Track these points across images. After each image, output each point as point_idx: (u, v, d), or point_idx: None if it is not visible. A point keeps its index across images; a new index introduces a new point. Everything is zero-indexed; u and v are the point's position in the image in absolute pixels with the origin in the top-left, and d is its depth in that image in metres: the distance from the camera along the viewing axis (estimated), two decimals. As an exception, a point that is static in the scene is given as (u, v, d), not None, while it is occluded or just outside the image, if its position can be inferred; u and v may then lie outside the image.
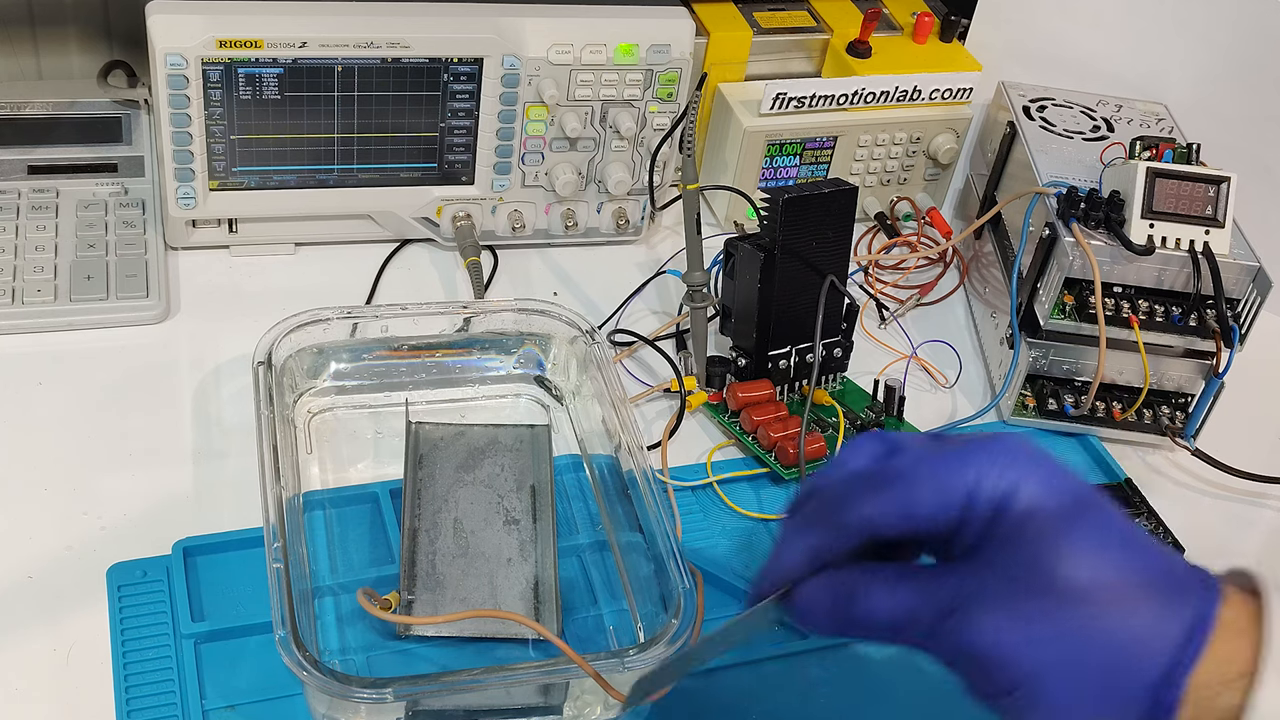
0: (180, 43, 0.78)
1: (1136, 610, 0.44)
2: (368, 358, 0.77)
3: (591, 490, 0.75)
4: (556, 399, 0.80)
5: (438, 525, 0.70)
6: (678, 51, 0.86)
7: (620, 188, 0.91)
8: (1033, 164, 0.87)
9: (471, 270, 0.88)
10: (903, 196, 0.99)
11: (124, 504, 0.71)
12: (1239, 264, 0.79)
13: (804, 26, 0.99)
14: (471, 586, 0.67)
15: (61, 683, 0.62)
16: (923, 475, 0.47)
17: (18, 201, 0.86)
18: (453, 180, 0.89)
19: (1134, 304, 0.81)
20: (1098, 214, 0.80)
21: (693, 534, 0.74)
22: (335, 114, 0.83)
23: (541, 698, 0.63)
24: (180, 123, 0.80)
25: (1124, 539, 0.46)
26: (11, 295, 0.80)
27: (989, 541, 0.46)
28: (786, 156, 0.94)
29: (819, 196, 0.78)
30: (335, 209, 0.88)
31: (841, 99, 0.93)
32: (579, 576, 0.71)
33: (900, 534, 0.48)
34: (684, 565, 0.64)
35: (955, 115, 0.97)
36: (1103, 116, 0.94)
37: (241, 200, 0.86)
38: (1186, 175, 0.80)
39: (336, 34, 0.80)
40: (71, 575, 0.66)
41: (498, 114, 0.86)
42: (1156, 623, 0.44)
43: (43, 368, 0.78)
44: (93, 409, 0.76)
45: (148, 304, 0.82)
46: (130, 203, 0.88)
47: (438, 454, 0.74)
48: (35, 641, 0.63)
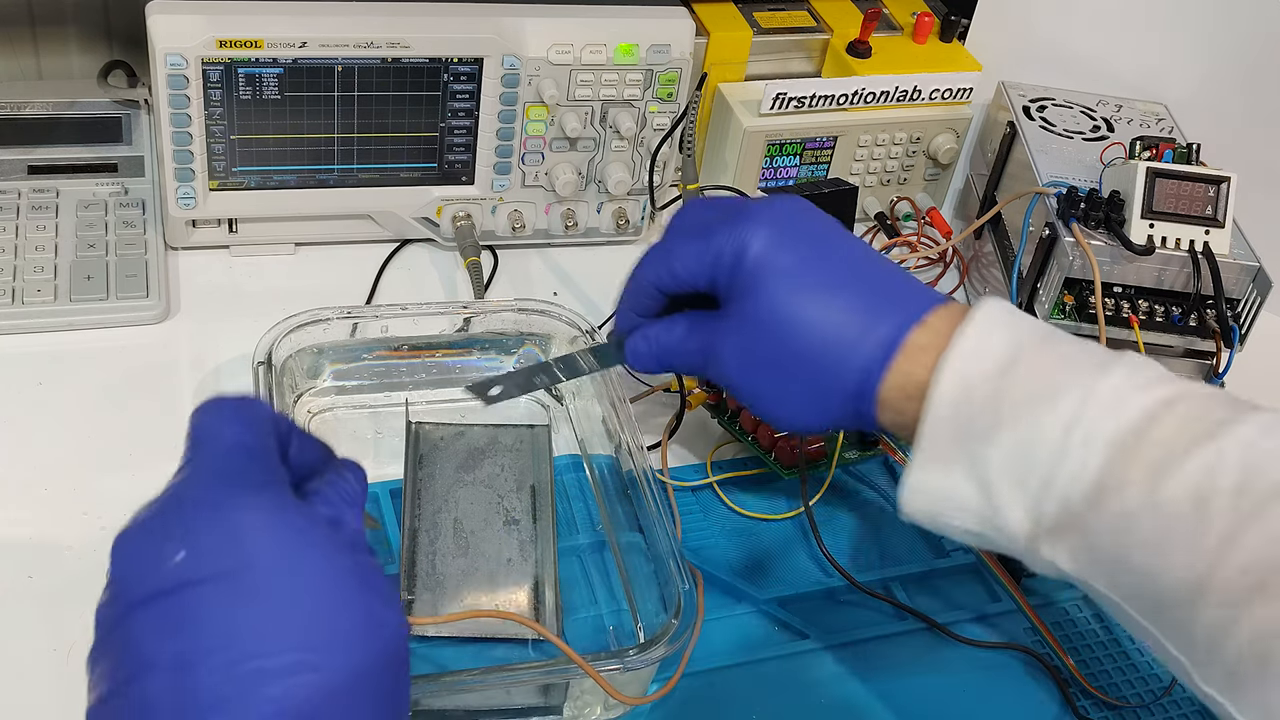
0: (180, 43, 0.78)
1: (834, 339, 0.54)
2: (368, 358, 0.77)
3: (591, 490, 0.75)
4: (556, 399, 0.80)
5: (438, 525, 0.70)
6: (678, 51, 0.86)
7: (620, 188, 0.91)
8: (1033, 164, 0.87)
9: (471, 270, 0.88)
10: (903, 196, 0.99)
11: (124, 504, 0.70)
12: (1239, 264, 0.79)
13: (804, 26, 0.99)
14: (471, 586, 0.67)
15: (61, 683, 0.62)
16: (686, 241, 0.58)
17: (18, 201, 0.86)
18: (453, 180, 0.89)
19: (1134, 304, 0.81)
20: (1098, 214, 0.80)
21: (693, 534, 0.74)
22: (335, 114, 0.83)
23: (541, 698, 0.63)
24: (180, 123, 0.80)
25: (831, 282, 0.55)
26: (11, 295, 0.80)
27: (732, 291, 0.56)
28: (786, 156, 0.94)
29: (819, 196, 0.78)
30: (335, 209, 0.88)
31: (841, 99, 0.93)
32: (579, 576, 0.71)
33: (678, 290, 0.59)
34: (684, 565, 0.64)
35: (955, 115, 0.97)
36: (1103, 116, 0.94)
37: (241, 200, 0.86)
38: (1186, 175, 0.80)
39: (336, 34, 0.80)
40: (71, 575, 0.66)
41: (498, 114, 0.86)
42: (850, 349, 0.54)
43: (43, 368, 0.78)
44: (93, 409, 0.76)
45: (148, 304, 0.82)
46: (130, 203, 0.88)
47: (438, 454, 0.74)
48: (35, 641, 0.63)
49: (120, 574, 0.45)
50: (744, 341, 0.56)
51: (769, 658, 0.69)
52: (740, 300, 0.56)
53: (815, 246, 0.56)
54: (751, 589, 0.71)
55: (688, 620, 0.62)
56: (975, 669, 0.70)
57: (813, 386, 0.55)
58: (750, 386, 0.57)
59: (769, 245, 0.55)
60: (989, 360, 0.52)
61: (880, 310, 0.54)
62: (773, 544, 0.75)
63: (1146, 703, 0.69)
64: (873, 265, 0.57)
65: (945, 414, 0.52)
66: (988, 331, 0.52)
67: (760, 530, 0.76)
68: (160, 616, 0.42)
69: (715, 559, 0.73)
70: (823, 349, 0.54)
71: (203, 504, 0.45)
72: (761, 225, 0.56)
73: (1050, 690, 0.70)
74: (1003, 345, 0.52)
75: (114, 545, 0.45)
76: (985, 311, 0.53)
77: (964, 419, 0.51)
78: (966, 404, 0.51)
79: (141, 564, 0.44)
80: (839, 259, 0.56)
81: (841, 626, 0.71)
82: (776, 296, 0.55)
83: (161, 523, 0.45)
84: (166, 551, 0.43)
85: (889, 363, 0.53)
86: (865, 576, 0.73)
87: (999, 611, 0.73)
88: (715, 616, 0.70)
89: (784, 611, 0.71)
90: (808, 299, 0.55)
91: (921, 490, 0.53)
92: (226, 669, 0.41)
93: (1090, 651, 0.72)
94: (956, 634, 0.71)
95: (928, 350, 0.53)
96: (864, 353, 0.54)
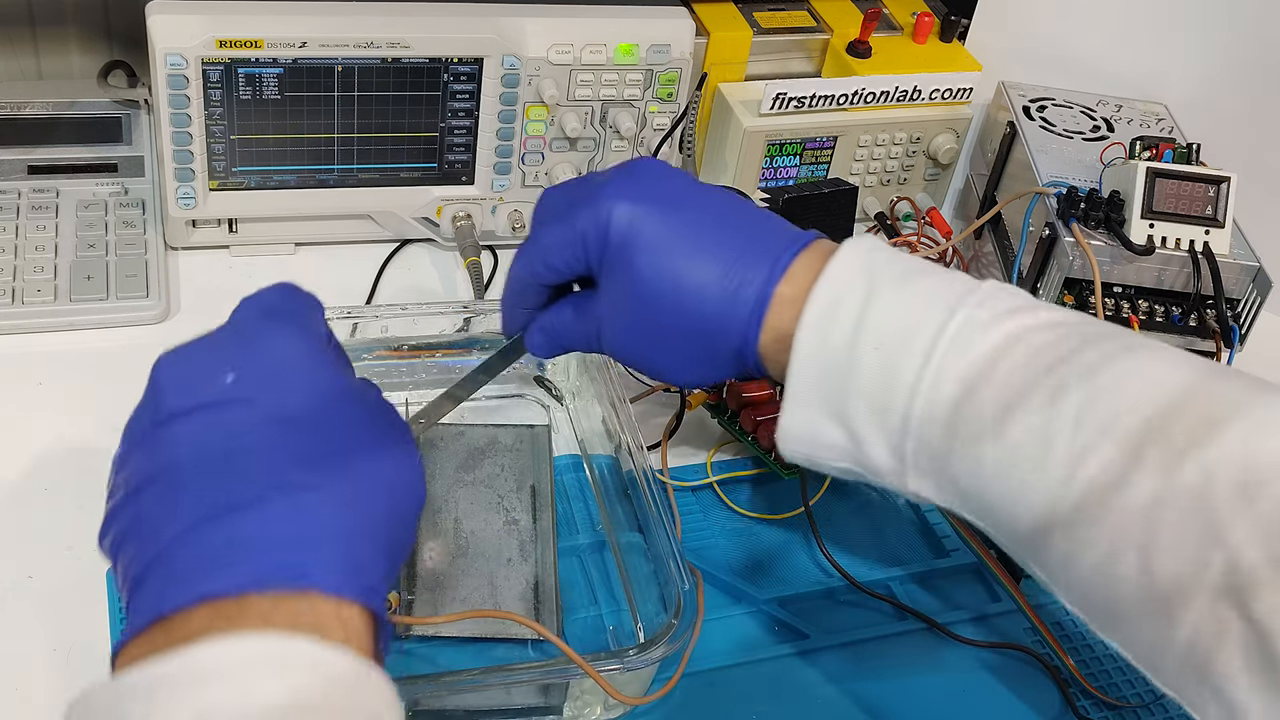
0: (180, 43, 0.78)
1: (707, 304, 0.55)
2: (368, 358, 0.77)
3: (591, 490, 0.75)
4: (556, 399, 0.80)
5: (438, 525, 0.70)
6: (678, 51, 0.86)
7: (620, 188, 0.90)
8: (1033, 164, 0.87)
9: (471, 270, 0.88)
10: (903, 196, 0.99)
11: (124, 504, 0.70)
12: (1239, 264, 0.79)
13: (804, 26, 0.99)
14: (471, 586, 0.67)
15: (61, 683, 0.62)
16: (550, 231, 0.58)
17: (18, 201, 0.86)
18: (453, 180, 0.89)
19: (1134, 304, 0.81)
20: (1098, 214, 0.80)
21: (693, 534, 0.74)
22: (335, 114, 0.83)
23: (541, 698, 0.63)
24: (180, 123, 0.80)
25: (695, 245, 0.55)
26: (11, 295, 0.80)
27: (603, 270, 0.57)
28: (786, 156, 0.94)
29: (819, 196, 0.78)
30: (335, 209, 0.88)
31: (841, 99, 0.93)
32: (579, 576, 0.71)
33: (557, 280, 0.59)
34: (684, 565, 0.64)
35: (955, 115, 0.97)
36: (1103, 116, 0.94)
37: (241, 200, 0.86)
38: (1186, 175, 0.80)
39: (336, 34, 0.80)
40: (71, 575, 0.66)
41: (498, 114, 0.86)
42: (724, 311, 0.55)
43: (43, 368, 0.78)
44: (93, 409, 0.76)
45: (148, 304, 0.82)
46: (130, 203, 0.88)
47: (437, 454, 0.74)
48: (35, 641, 0.63)
49: (164, 388, 0.47)
50: (624, 318, 0.57)
51: (769, 658, 0.69)
52: (611, 278, 0.57)
53: (674, 211, 0.56)
54: (751, 589, 0.71)
55: (688, 620, 0.62)
56: (975, 669, 0.70)
57: (698, 349, 0.57)
58: (640, 357, 0.58)
59: (627, 220, 0.56)
60: (845, 307, 0.53)
61: (746, 265, 0.55)
62: (773, 544, 0.75)
63: (1146, 703, 0.69)
64: (734, 217, 0.57)
65: (808, 363, 0.54)
66: (844, 278, 0.54)
67: (760, 530, 0.76)
68: (203, 425, 0.45)
69: (715, 559, 0.73)
70: (699, 315, 0.55)
71: (256, 338, 0.49)
72: (617, 200, 0.56)
73: (1050, 690, 0.70)
74: (859, 291, 0.53)
75: (158, 364, 0.48)
76: (842, 259, 0.55)
77: (825, 366, 0.53)
78: (827, 352, 0.53)
79: (190, 380, 0.47)
80: (699, 218, 0.57)
81: (841, 626, 0.71)
82: (644, 270, 0.56)
83: (213, 349, 0.48)
84: (217, 372, 0.47)
85: (762, 319, 0.55)
86: (865, 576, 0.73)
87: (999, 611, 0.73)
88: (715, 616, 0.70)
89: (784, 611, 0.71)
90: (675, 267, 0.55)
91: (793, 434, 0.56)
92: (261, 475, 0.44)
93: (1090, 651, 0.72)
94: (956, 634, 0.71)
95: (792, 303, 0.54)
96: (738, 313, 0.55)
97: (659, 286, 0.55)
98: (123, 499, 0.46)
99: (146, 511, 0.44)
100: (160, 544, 0.43)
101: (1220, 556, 0.45)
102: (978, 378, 0.51)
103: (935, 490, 0.53)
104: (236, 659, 0.39)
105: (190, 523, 0.43)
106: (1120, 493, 0.47)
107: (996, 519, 0.52)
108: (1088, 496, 0.48)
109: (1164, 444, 0.47)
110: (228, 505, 0.43)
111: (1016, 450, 0.50)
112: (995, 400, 0.50)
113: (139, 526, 0.44)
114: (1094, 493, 0.48)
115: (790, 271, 0.55)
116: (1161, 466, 0.47)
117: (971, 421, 0.51)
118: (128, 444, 0.48)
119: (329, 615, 0.42)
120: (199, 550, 0.42)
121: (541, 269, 0.58)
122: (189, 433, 0.45)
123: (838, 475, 0.57)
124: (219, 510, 0.43)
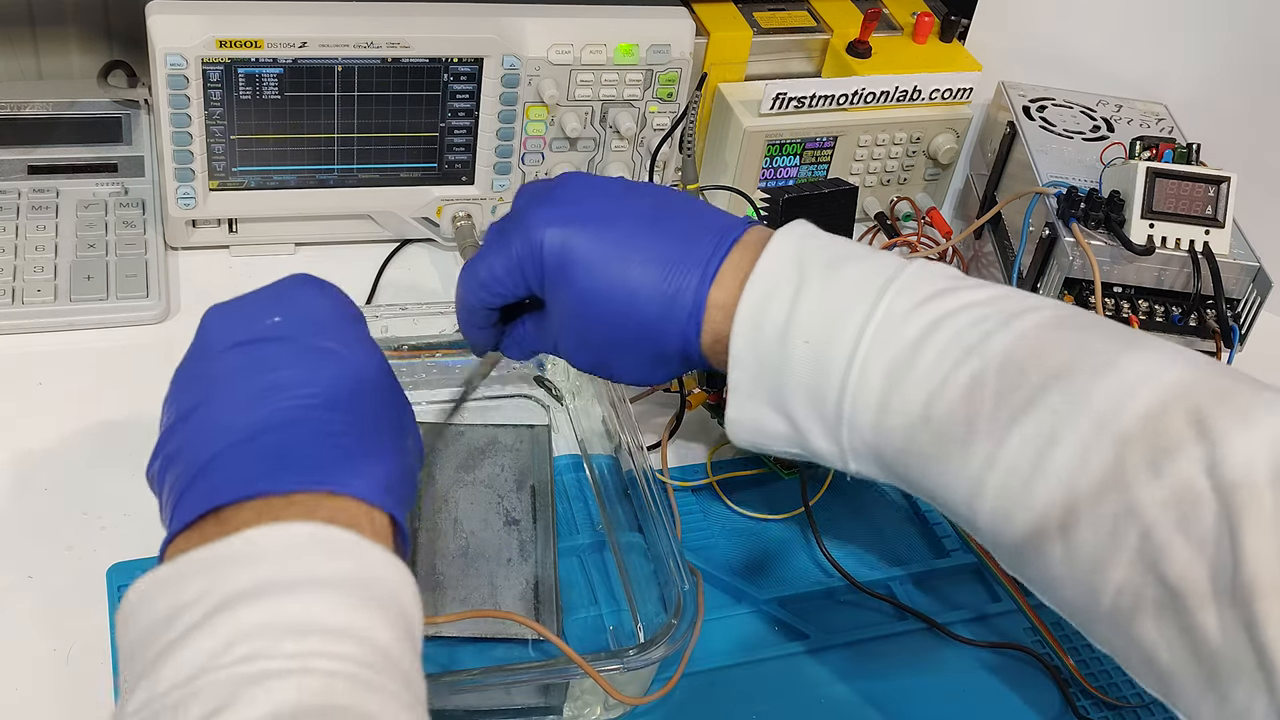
0: (180, 43, 0.78)
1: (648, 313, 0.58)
2: (368, 358, 0.77)
3: (591, 490, 0.75)
4: (556, 399, 0.80)
5: (438, 525, 0.70)
6: (678, 51, 0.86)
7: (620, 188, 0.91)
8: (1033, 164, 0.87)
9: (471, 270, 0.88)
10: (903, 196, 0.99)
11: (124, 504, 0.71)
12: (1239, 264, 0.79)
13: (804, 26, 0.99)
14: (471, 586, 0.67)
15: (61, 683, 0.62)
16: (491, 260, 0.60)
17: (18, 201, 0.86)
18: (453, 180, 0.89)
19: (1134, 304, 0.81)
20: (1098, 214, 0.80)
21: (693, 534, 0.74)
22: (335, 114, 0.83)
23: (541, 698, 0.63)
24: (180, 123, 0.80)
25: (629, 255, 0.58)
26: (11, 295, 0.80)
27: (545, 291, 0.59)
28: (786, 156, 0.94)
29: (819, 196, 0.78)
30: (335, 209, 0.88)
31: (841, 99, 0.93)
32: (579, 576, 0.71)
33: (505, 304, 0.62)
34: (684, 565, 0.64)
35: (955, 115, 0.97)
36: (1103, 116, 0.94)
37: (241, 200, 0.86)
38: (1186, 175, 0.80)
39: (336, 34, 0.80)
40: (71, 575, 0.66)
41: (498, 114, 0.86)
42: (664, 319, 0.57)
43: (43, 368, 0.78)
44: (93, 409, 0.76)
45: (148, 304, 0.82)
46: (130, 203, 0.88)
47: (437, 454, 0.74)
48: (35, 641, 0.63)
49: (213, 331, 0.53)
50: (573, 333, 0.60)
51: (769, 658, 0.69)
52: (555, 299, 0.59)
53: (605, 226, 0.58)
54: (751, 589, 0.71)
55: (688, 620, 0.62)
56: (975, 669, 0.70)
57: (646, 355, 0.59)
58: (595, 365, 0.61)
59: (560, 243, 0.58)
60: (775, 302, 0.56)
61: (681, 271, 0.58)
62: (773, 544, 0.75)
63: (1146, 702, 0.69)
64: (666, 221, 0.59)
65: (745, 359, 0.56)
66: (774, 273, 0.56)
67: (760, 530, 0.76)
68: (250, 357, 0.51)
69: (715, 559, 0.73)
70: (641, 325, 0.58)
71: (298, 293, 0.55)
72: (547, 226, 0.58)
73: (1050, 690, 0.70)
74: (788, 285, 0.56)
75: (207, 314, 0.54)
76: (772, 252, 0.57)
77: (761, 362, 0.56)
78: (761, 348, 0.56)
79: (239, 323, 0.53)
80: (631, 229, 0.58)
81: (841, 626, 0.71)
82: (584, 289, 0.58)
83: (257, 300, 0.54)
84: (264, 315, 0.53)
85: (700, 323, 0.57)
86: (865, 576, 0.73)
87: (999, 611, 0.73)
88: (715, 616, 0.70)
89: (784, 611, 0.71)
90: (612, 282, 0.58)
91: (740, 424, 0.58)
92: (305, 400, 0.49)
93: (1090, 651, 0.71)
94: (956, 634, 0.71)
95: (725, 307, 0.57)
96: (676, 319, 0.58)
97: (600, 303, 0.58)
98: (175, 423, 0.50)
99: (199, 430, 0.49)
100: (213, 452, 0.48)
101: (1135, 528, 0.48)
102: (903, 367, 0.54)
103: (875, 471, 0.57)
104: (289, 541, 0.45)
105: (242, 436, 0.48)
106: (1042, 472, 0.50)
107: (932, 493, 0.55)
108: (1011, 477, 0.51)
109: (1081, 420, 0.50)
110: (276, 422, 0.48)
111: (942, 437, 0.53)
112: (919, 389, 0.53)
113: (192, 442, 0.49)
114: (1018, 473, 0.51)
115: (721, 273, 0.57)
116: (1080, 443, 0.49)
117: (899, 412, 0.54)
118: (178, 384, 0.53)
119: (364, 517, 0.47)
120: (250, 457, 0.47)
121: (488, 297, 0.61)
122: (237, 363, 0.51)
123: (788, 458, 0.62)
124: (267, 426, 0.48)
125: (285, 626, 0.42)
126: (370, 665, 0.42)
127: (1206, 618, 0.46)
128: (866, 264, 0.56)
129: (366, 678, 0.42)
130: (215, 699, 0.40)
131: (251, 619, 0.42)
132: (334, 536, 0.45)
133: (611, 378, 0.62)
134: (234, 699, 0.39)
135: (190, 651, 0.41)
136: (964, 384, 0.52)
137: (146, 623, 0.43)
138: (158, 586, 0.44)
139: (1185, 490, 0.47)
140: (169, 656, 0.41)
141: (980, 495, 0.52)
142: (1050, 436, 0.50)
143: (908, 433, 0.54)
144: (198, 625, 0.42)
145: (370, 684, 0.42)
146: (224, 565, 0.44)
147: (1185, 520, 0.47)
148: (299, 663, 0.41)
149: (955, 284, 0.55)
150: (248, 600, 0.42)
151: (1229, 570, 0.46)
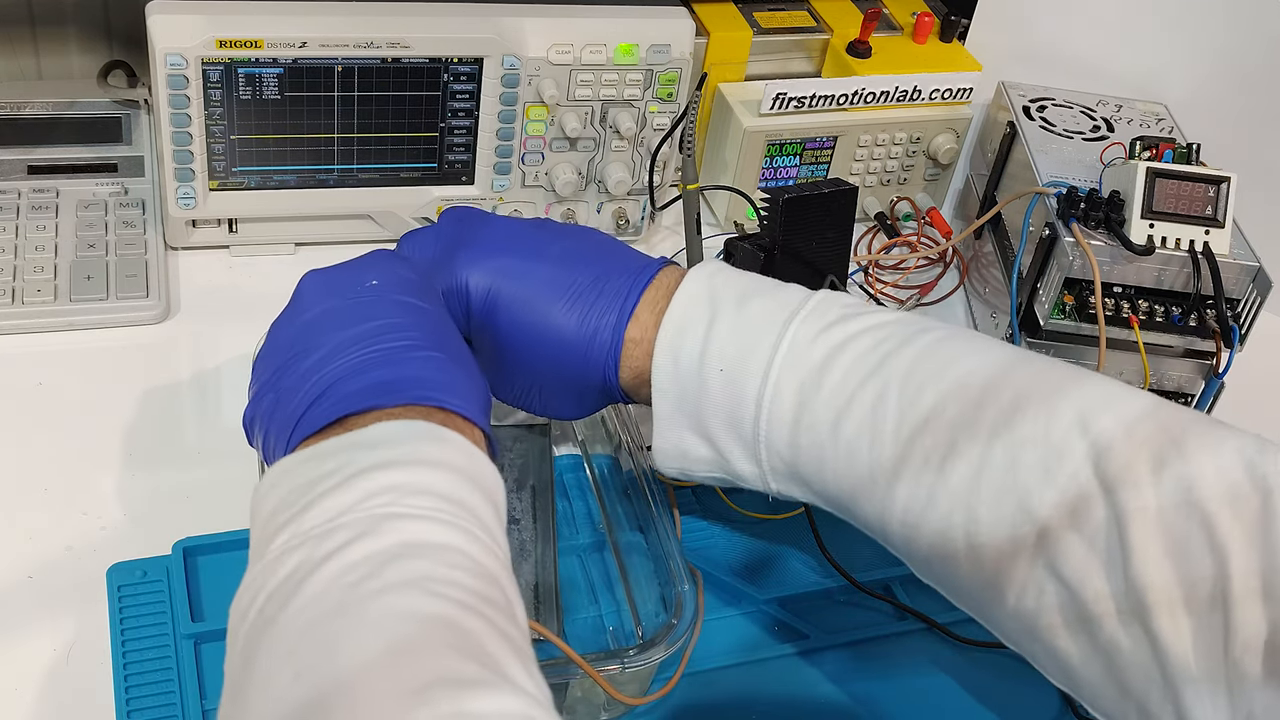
0: (180, 43, 0.78)
1: (568, 356, 0.62)
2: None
3: (591, 490, 0.75)
4: (556, 399, 0.80)
5: (438, 525, 0.70)
6: (678, 51, 0.86)
7: (620, 188, 0.91)
8: (1033, 164, 0.87)
9: (471, 270, 0.88)
10: (903, 196, 0.99)
11: (124, 504, 0.71)
12: (1239, 264, 0.79)
13: (804, 26, 0.99)
14: (471, 586, 0.67)
15: (61, 683, 0.62)
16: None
17: (18, 201, 0.86)
18: (453, 180, 0.89)
19: (1134, 304, 0.81)
20: (1098, 214, 0.80)
21: (693, 534, 0.74)
22: (335, 114, 0.83)
23: (541, 698, 0.63)
24: (180, 123, 0.80)
25: (549, 297, 0.62)
26: (11, 295, 0.80)
27: (474, 333, 0.64)
28: (786, 156, 0.94)
29: (819, 196, 0.78)
30: (335, 209, 0.88)
31: (841, 99, 0.93)
32: (579, 576, 0.71)
33: None
34: (684, 565, 0.64)
35: (955, 115, 0.97)
36: (1103, 116, 0.94)
37: (241, 200, 0.86)
38: (1186, 175, 0.80)
39: (336, 34, 0.80)
40: (71, 575, 0.66)
41: (498, 114, 0.86)
42: (583, 360, 0.62)
43: (43, 368, 0.78)
44: (93, 409, 0.76)
45: (148, 304, 0.82)
46: (130, 203, 0.88)
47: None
48: (35, 641, 0.63)
49: (312, 291, 0.59)
50: (501, 374, 0.64)
51: (769, 658, 0.69)
52: (479, 337, 0.64)
53: (528, 269, 0.63)
54: (751, 589, 0.71)
55: (687, 620, 0.62)
56: (975, 669, 0.70)
57: (569, 391, 0.64)
58: (520, 400, 0.66)
59: (487, 284, 0.63)
60: (690, 335, 0.60)
61: (598, 313, 0.62)
62: (773, 544, 0.75)
63: (1146, 703, 0.69)
64: (583, 264, 0.63)
65: (666, 391, 0.61)
66: (688, 308, 0.61)
67: (760, 530, 0.76)
68: (355, 307, 0.57)
69: (715, 559, 0.73)
70: (562, 363, 0.63)
71: (388, 263, 0.61)
72: (474, 267, 0.63)
73: (1050, 690, 0.70)
74: (702, 319, 0.60)
75: (303, 279, 0.60)
76: (685, 289, 0.62)
77: (681, 394, 0.61)
78: (679, 381, 0.61)
79: (338, 284, 0.59)
80: (551, 271, 0.63)
81: (841, 626, 0.71)
82: (508, 330, 0.63)
83: (356, 266, 0.60)
84: (362, 279, 0.59)
85: (619, 361, 0.62)
86: (865, 576, 0.73)
87: (999, 611, 0.73)
88: (715, 616, 0.70)
89: (784, 611, 0.71)
90: (535, 323, 0.62)
91: (665, 452, 0.63)
92: (405, 339, 0.55)
93: (1090, 651, 0.71)
94: (956, 634, 0.71)
95: (641, 343, 0.62)
96: (596, 359, 0.62)
97: (524, 343, 0.63)
98: (277, 371, 0.56)
99: (319, 363, 0.54)
100: (335, 377, 0.54)
101: (1030, 524, 0.52)
102: (811, 388, 0.58)
103: (798, 492, 0.61)
104: (411, 431, 0.51)
105: (358, 364, 0.54)
106: (944, 480, 0.54)
107: (848, 512, 0.60)
108: (917, 488, 0.55)
109: (976, 430, 0.54)
110: (386, 353, 0.54)
111: (851, 453, 0.57)
112: (828, 407, 0.58)
113: (312, 374, 0.54)
114: (922, 485, 0.55)
115: (637, 314, 0.62)
116: (978, 451, 0.54)
117: (810, 431, 0.58)
118: (273, 340, 0.58)
119: (465, 428, 0.54)
120: (369, 380, 0.53)
121: None
122: (345, 313, 0.57)
123: (711, 484, 0.65)
124: (380, 357, 0.54)
125: (412, 489, 0.48)
126: (483, 532, 0.49)
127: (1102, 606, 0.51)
128: (774, 297, 0.61)
129: (479, 537, 0.48)
130: (356, 529, 0.46)
131: (384, 482, 0.48)
132: (446, 435, 0.51)
133: (534, 412, 0.67)
134: (372, 530, 0.46)
135: (333, 501, 0.47)
136: (869, 402, 0.57)
137: (288, 488, 0.49)
138: (299, 463, 0.50)
139: (1076, 489, 0.51)
140: (313, 506, 0.47)
141: (889, 508, 0.56)
142: (949, 448, 0.54)
143: (819, 450, 0.58)
144: (338, 486, 0.48)
145: (482, 543, 0.48)
146: (357, 448, 0.50)
147: (1077, 517, 0.51)
148: (427, 512, 0.47)
149: (857, 310, 0.60)
150: (380, 469, 0.48)
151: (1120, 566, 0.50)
